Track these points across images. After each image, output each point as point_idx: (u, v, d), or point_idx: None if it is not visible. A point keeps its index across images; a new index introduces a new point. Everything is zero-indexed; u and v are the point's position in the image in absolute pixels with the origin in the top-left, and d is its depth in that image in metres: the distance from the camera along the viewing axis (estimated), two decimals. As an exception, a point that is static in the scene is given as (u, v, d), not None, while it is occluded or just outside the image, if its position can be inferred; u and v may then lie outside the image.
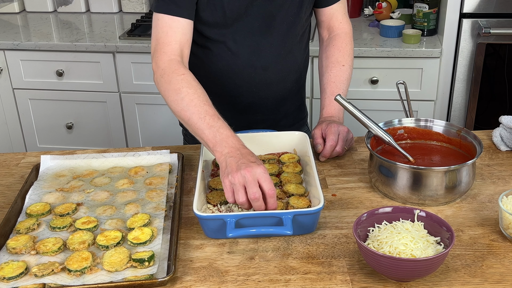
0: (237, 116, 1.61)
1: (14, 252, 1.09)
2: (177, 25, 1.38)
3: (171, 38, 1.37)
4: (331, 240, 1.13)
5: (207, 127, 1.22)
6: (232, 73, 1.52)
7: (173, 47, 1.37)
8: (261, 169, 1.12)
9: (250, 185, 1.11)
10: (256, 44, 1.49)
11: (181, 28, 1.38)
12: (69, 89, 2.70)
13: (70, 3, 3.09)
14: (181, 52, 1.38)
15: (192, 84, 1.30)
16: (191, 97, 1.27)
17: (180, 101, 1.28)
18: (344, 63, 1.56)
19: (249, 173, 1.11)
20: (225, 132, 1.21)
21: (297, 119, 1.71)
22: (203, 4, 1.42)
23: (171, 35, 1.37)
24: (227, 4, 1.42)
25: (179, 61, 1.36)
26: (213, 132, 1.21)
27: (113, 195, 1.29)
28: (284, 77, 1.57)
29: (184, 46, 1.39)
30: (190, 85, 1.30)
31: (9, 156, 1.52)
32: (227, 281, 1.03)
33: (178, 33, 1.38)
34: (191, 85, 1.30)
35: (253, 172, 1.11)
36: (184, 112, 1.27)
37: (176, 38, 1.38)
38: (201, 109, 1.25)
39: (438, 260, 0.97)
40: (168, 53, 1.36)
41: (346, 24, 1.61)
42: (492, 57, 2.67)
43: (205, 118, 1.23)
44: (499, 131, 1.47)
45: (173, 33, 1.37)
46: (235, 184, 1.12)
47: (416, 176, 1.20)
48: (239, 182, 1.11)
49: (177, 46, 1.38)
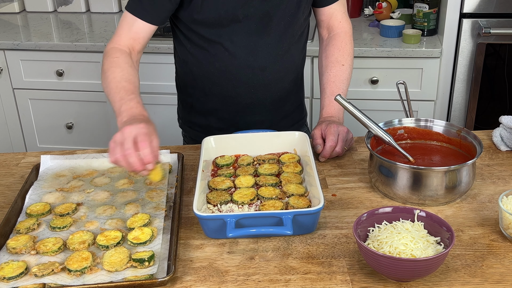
0: (236, 117, 1.61)
1: (14, 252, 1.09)
2: (136, 24, 1.44)
3: (126, 33, 1.45)
4: (331, 240, 1.13)
5: (118, 99, 1.27)
6: (230, 73, 1.52)
7: (123, 40, 1.44)
8: (140, 126, 1.13)
9: (125, 141, 1.12)
10: (253, 45, 1.49)
11: (139, 29, 1.45)
12: (69, 89, 2.70)
13: (70, 3, 3.09)
14: (130, 46, 1.44)
15: (120, 65, 1.36)
16: (114, 75, 1.33)
17: (105, 79, 1.35)
18: (343, 63, 1.56)
19: (126, 130, 1.13)
20: (131, 103, 1.25)
21: (296, 119, 1.71)
22: (197, 5, 1.42)
23: (125, 30, 1.45)
24: (221, 5, 1.42)
25: (120, 49, 1.41)
26: (121, 104, 1.25)
27: (113, 195, 1.29)
28: (282, 78, 1.57)
29: (135, 43, 1.45)
30: (117, 65, 1.36)
31: (9, 156, 1.52)
32: (227, 281, 1.03)
33: (132, 31, 1.45)
34: (119, 65, 1.36)
35: (130, 129, 1.13)
36: (106, 88, 1.33)
37: (131, 35, 1.45)
38: (119, 85, 1.30)
39: (438, 260, 0.97)
40: (116, 43, 1.44)
41: (345, 24, 1.61)
42: (492, 57, 2.67)
43: (120, 92, 1.28)
44: (499, 131, 1.47)
45: (130, 30, 1.45)
46: (115, 142, 1.13)
47: (416, 176, 1.20)
48: (117, 140, 1.13)
49: (127, 41, 1.44)
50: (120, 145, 1.12)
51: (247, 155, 1.41)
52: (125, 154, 1.12)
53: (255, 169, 1.35)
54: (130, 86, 1.30)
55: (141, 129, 1.14)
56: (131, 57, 1.42)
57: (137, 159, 1.12)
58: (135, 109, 1.23)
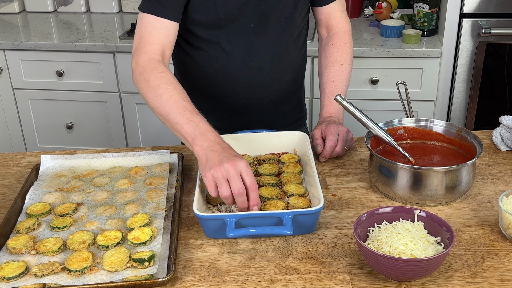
0: (234, 117, 1.61)
1: (14, 252, 1.09)
2: (161, 25, 1.37)
3: (154, 38, 1.37)
4: (331, 240, 1.13)
5: (186, 121, 1.21)
6: (227, 74, 1.52)
7: (155, 46, 1.36)
8: (244, 163, 1.12)
9: (234, 180, 1.10)
10: (251, 45, 1.49)
11: (165, 29, 1.38)
12: (69, 89, 2.70)
13: (70, 3, 3.09)
14: (162, 53, 1.37)
15: (171, 82, 1.30)
16: (170, 93, 1.26)
17: (159, 97, 1.27)
18: (343, 62, 1.56)
19: (232, 167, 1.10)
20: (204, 126, 1.20)
21: (295, 119, 1.71)
22: (195, 5, 1.42)
23: (154, 35, 1.37)
24: (219, 5, 1.42)
25: (159, 60, 1.35)
26: (192, 127, 1.20)
27: (113, 195, 1.29)
28: (280, 78, 1.57)
29: (166, 47, 1.39)
30: (169, 82, 1.29)
31: (9, 156, 1.52)
32: (227, 281, 1.03)
33: (161, 34, 1.37)
34: (170, 82, 1.30)
35: (236, 166, 1.11)
36: (163, 107, 1.26)
37: (159, 38, 1.37)
38: (180, 105, 1.24)
39: (438, 260, 0.97)
40: (149, 52, 1.35)
41: (344, 23, 1.60)
42: (492, 57, 2.67)
43: (184, 113, 1.23)
44: (499, 131, 1.47)
45: (157, 33, 1.37)
46: (218, 178, 1.11)
47: (416, 176, 1.20)
48: (222, 176, 1.11)
49: (159, 46, 1.37)
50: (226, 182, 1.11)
51: (247, 155, 1.41)
52: (237, 194, 1.11)
53: (255, 169, 1.35)
54: (190, 106, 1.25)
55: (245, 168, 1.11)
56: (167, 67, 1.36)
57: (245, 198, 1.12)
58: (212, 133, 1.19)
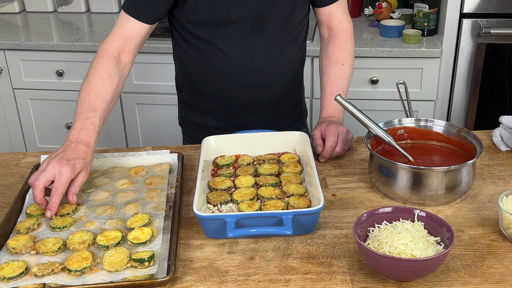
0: (232, 117, 1.61)
1: (14, 252, 1.09)
2: (130, 23, 1.45)
3: (119, 32, 1.45)
4: (331, 240, 1.13)
5: (78, 113, 1.31)
6: (225, 74, 1.53)
7: (115, 39, 1.45)
8: (65, 169, 1.18)
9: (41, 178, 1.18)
10: (248, 46, 1.49)
11: (132, 27, 1.45)
12: (69, 89, 2.70)
13: (70, 3, 3.09)
14: (121, 47, 1.44)
15: (99, 73, 1.38)
16: (88, 84, 1.35)
17: (82, 85, 1.36)
18: (344, 62, 1.56)
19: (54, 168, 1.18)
20: (84, 124, 1.28)
21: (295, 120, 1.71)
22: (191, 6, 1.43)
23: (119, 29, 1.46)
24: (215, 6, 1.42)
25: (109, 52, 1.42)
26: (77, 119, 1.29)
27: (113, 195, 1.29)
28: (277, 78, 1.57)
29: (127, 42, 1.45)
30: (95, 73, 1.38)
31: (9, 156, 1.52)
32: (227, 281, 1.03)
33: (127, 31, 1.45)
34: (97, 73, 1.38)
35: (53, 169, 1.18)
36: (79, 94, 1.35)
37: (123, 34, 1.45)
38: (86, 97, 1.33)
39: (438, 260, 0.97)
40: (108, 42, 1.45)
41: (346, 23, 1.60)
42: (492, 57, 2.67)
43: (83, 105, 1.31)
44: (499, 131, 1.47)
45: (122, 28, 1.45)
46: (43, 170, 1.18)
47: (416, 176, 1.20)
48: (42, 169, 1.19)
49: (120, 41, 1.45)
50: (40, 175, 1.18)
51: (247, 155, 1.41)
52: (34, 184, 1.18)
53: (255, 169, 1.35)
54: (96, 101, 1.32)
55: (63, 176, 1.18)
56: (118, 60, 1.42)
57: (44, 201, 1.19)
58: (83, 131, 1.27)
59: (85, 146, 1.25)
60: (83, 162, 1.22)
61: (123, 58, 1.44)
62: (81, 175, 1.22)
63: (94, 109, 1.31)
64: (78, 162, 1.21)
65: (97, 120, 1.30)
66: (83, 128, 1.27)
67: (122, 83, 1.43)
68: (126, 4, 1.46)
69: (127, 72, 1.46)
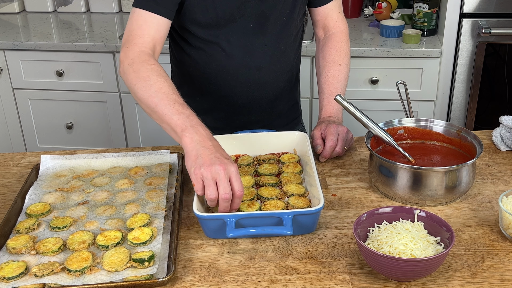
0: (232, 117, 1.61)
1: (14, 252, 1.09)
2: (152, 20, 1.35)
3: (145, 32, 1.34)
4: (331, 240, 1.13)
5: (176, 113, 1.19)
6: (227, 73, 1.53)
7: (145, 40, 1.34)
8: (234, 168, 1.11)
9: (223, 184, 1.09)
10: (250, 45, 1.49)
11: (156, 25, 1.36)
12: (69, 89, 2.70)
13: (70, 3, 3.09)
14: (153, 47, 1.35)
15: (162, 74, 1.28)
16: (160, 85, 1.24)
17: (149, 88, 1.24)
18: (341, 63, 1.56)
19: (223, 170, 1.09)
20: (195, 119, 1.18)
21: (291, 118, 1.71)
22: (193, 5, 1.42)
23: (144, 29, 1.35)
24: (218, 5, 1.42)
25: (150, 54, 1.33)
26: (183, 118, 1.18)
27: (113, 195, 1.29)
28: (278, 77, 1.57)
29: (157, 42, 1.36)
30: (159, 74, 1.27)
31: (9, 156, 1.52)
32: (227, 281, 1.03)
33: (152, 28, 1.35)
34: (161, 74, 1.27)
35: (227, 170, 1.10)
36: (152, 98, 1.23)
37: (150, 32, 1.35)
38: (170, 97, 1.22)
39: (438, 260, 0.97)
40: (140, 44, 1.33)
41: (341, 23, 1.61)
42: (492, 57, 2.67)
43: (174, 105, 1.20)
44: (499, 131, 1.47)
45: (147, 27, 1.35)
46: (207, 178, 1.09)
47: (416, 176, 1.20)
48: (212, 177, 1.09)
49: (149, 40, 1.34)
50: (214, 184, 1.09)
51: (247, 155, 1.41)
52: (224, 198, 1.09)
53: (255, 169, 1.35)
54: (180, 99, 1.23)
55: (235, 173, 1.10)
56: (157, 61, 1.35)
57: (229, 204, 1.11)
58: (202, 127, 1.17)
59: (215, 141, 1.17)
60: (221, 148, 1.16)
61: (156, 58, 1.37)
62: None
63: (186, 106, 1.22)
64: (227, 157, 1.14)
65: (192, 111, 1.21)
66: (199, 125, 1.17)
67: None
68: (143, 2, 1.36)
69: None
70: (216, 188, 1.10)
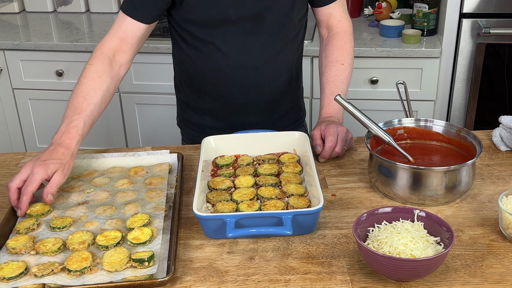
0: (231, 117, 1.61)
1: (14, 252, 1.09)
2: (127, 24, 1.45)
3: (116, 32, 1.46)
4: (331, 240, 1.13)
5: (65, 115, 1.33)
6: (223, 73, 1.53)
7: (112, 39, 1.45)
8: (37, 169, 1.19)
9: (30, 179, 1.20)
10: (246, 45, 1.49)
11: (129, 27, 1.45)
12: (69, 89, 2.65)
13: (70, 3, 3.09)
14: (116, 47, 1.45)
15: (90, 75, 1.40)
16: (78, 86, 1.38)
17: (75, 85, 1.39)
18: (343, 62, 1.56)
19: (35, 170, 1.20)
20: (68, 127, 1.30)
21: (292, 120, 1.70)
22: (190, 5, 1.42)
23: (116, 29, 1.46)
24: (213, 5, 1.42)
25: (103, 52, 1.43)
26: (62, 122, 1.31)
27: (113, 195, 1.29)
28: (275, 78, 1.57)
29: (124, 42, 1.45)
30: (87, 74, 1.40)
31: (9, 156, 1.51)
32: (227, 281, 1.03)
33: (123, 30, 1.45)
34: (88, 74, 1.40)
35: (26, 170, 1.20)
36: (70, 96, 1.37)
37: (120, 34, 1.45)
38: (74, 99, 1.35)
39: (438, 260, 0.97)
40: (104, 42, 1.46)
41: (345, 22, 1.60)
42: (492, 57, 2.67)
43: (70, 108, 1.34)
44: (499, 131, 1.47)
45: (119, 28, 1.46)
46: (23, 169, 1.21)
47: (416, 176, 1.20)
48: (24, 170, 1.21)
49: (116, 41, 1.45)
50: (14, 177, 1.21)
51: (247, 155, 1.41)
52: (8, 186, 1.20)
53: (254, 169, 1.35)
54: (82, 103, 1.34)
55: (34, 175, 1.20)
56: (112, 61, 1.43)
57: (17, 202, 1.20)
58: (66, 134, 1.29)
59: (63, 148, 1.26)
60: (58, 162, 1.23)
61: (118, 58, 1.44)
62: (56, 176, 1.22)
63: (80, 111, 1.33)
64: (52, 163, 1.22)
65: (81, 123, 1.31)
66: (65, 131, 1.29)
67: (115, 83, 1.44)
68: (124, 4, 1.46)
69: (123, 72, 1.47)
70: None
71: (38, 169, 1.20)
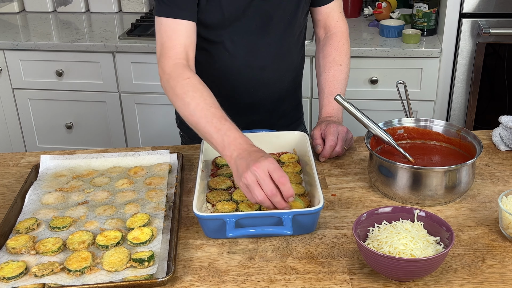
0: (236, 117, 1.60)
1: (14, 252, 1.09)
2: (180, 28, 1.36)
3: (175, 42, 1.36)
4: (331, 240, 1.13)
5: (215, 130, 1.21)
6: (230, 73, 1.52)
7: (178, 50, 1.36)
8: (269, 160, 1.10)
9: (264, 181, 1.09)
10: (254, 44, 1.49)
11: (185, 31, 1.37)
12: (69, 89, 2.70)
13: (70, 3, 3.09)
14: (186, 55, 1.37)
15: (198, 88, 1.29)
16: (197, 101, 1.26)
17: (187, 106, 1.27)
18: (341, 63, 1.56)
19: (258, 169, 1.09)
20: (232, 134, 1.19)
21: (294, 118, 1.71)
22: (203, 6, 1.42)
23: (175, 39, 1.36)
24: (225, 6, 1.42)
25: (184, 65, 1.34)
26: (221, 136, 1.19)
27: (112, 195, 1.29)
28: (281, 77, 1.57)
29: (189, 48, 1.38)
30: (195, 89, 1.28)
31: (9, 156, 1.52)
32: (227, 281, 1.03)
33: (182, 36, 1.36)
34: (197, 88, 1.29)
35: (262, 167, 1.09)
36: (192, 117, 1.26)
37: (180, 41, 1.36)
38: (208, 112, 1.24)
39: (438, 260, 0.97)
40: (173, 57, 1.35)
41: (342, 23, 1.61)
42: (491, 57, 2.67)
43: (212, 121, 1.22)
44: (499, 131, 1.47)
45: (177, 36, 1.36)
46: (249, 184, 1.10)
47: (416, 176, 1.20)
48: (252, 181, 1.09)
49: (181, 49, 1.36)
50: (257, 186, 1.09)
51: (247, 155, 1.41)
52: (270, 196, 1.09)
53: (254, 169, 1.34)
54: (218, 111, 1.24)
55: (271, 164, 1.10)
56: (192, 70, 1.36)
57: (281, 197, 1.10)
58: (240, 140, 1.18)
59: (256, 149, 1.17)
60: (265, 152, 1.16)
61: (191, 67, 1.38)
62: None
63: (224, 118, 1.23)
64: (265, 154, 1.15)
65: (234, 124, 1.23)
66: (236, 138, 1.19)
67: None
68: (165, 9, 1.35)
69: None
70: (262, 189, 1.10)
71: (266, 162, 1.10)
